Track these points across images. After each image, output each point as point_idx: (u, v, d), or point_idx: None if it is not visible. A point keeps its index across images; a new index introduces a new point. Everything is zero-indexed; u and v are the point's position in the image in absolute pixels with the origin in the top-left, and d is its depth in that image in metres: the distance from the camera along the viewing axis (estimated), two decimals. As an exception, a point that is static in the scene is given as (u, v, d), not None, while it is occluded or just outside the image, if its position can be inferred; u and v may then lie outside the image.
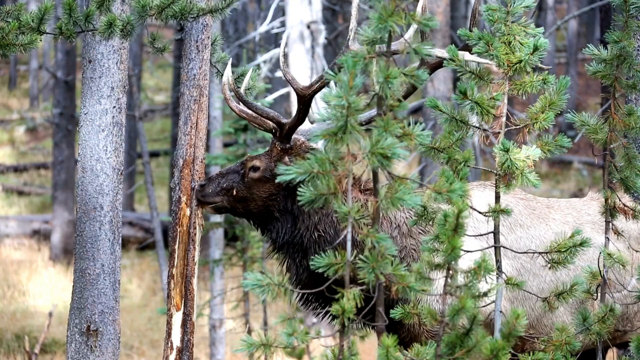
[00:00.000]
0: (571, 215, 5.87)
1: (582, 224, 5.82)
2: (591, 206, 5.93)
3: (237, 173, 5.79)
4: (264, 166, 5.74)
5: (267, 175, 5.73)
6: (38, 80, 29.28)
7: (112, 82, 5.67)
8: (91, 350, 5.66)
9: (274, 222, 5.75)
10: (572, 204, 5.97)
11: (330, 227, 5.69)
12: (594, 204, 5.95)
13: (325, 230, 5.68)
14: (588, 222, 5.85)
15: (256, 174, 5.73)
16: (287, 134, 5.74)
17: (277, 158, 5.75)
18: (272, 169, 5.72)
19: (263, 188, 5.74)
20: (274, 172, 5.70)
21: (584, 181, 20.80)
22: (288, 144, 5.75)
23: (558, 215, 5.86)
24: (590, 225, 5.83)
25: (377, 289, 4.28)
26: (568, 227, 5.77)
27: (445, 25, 11.67)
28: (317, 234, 5.69)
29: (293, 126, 5.70)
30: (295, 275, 5.75)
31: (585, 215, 5.88)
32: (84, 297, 5.67)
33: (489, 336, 4.19)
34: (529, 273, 5.68)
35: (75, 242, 5.71)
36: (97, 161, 5.66)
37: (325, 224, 5.68)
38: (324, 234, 5.68)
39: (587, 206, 5.94)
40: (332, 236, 5.68)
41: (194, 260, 5.73)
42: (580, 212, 5.90)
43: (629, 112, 5.26)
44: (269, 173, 5.72)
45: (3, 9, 5.26)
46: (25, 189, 21.33)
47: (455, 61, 4.87)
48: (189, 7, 5.22)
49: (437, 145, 4.85)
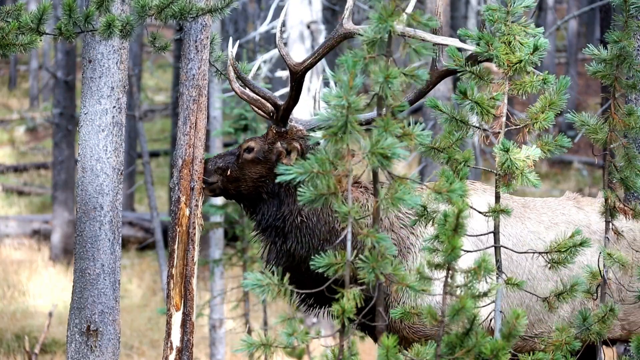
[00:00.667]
0: (546, 214, 5.92)
1: (557, 223, 5.87)
2: (566, 206, 5.99)
3: (233, 155, 5.94)
4: (258, 147, 5.85)
5: (259, 157, 5.84)
6: (38, 80, 29.27)
7: (112, 82, 5.67)
8: (91, 350, 5.66)
9: (262, 204, 5.86)
10: (548, 203, 6.02)
11: (314, 214, 5.78)
12: (569, 204, 6.01)
13: (308, 217, 5.78)
14: (563, 222, 5.89)
15: (249, 155, 5.85)
16: (283, 116, 5.83)
17: (272, 141, 5.85)
18: (266, 151, 5.84)
19: (255, 169, 5.84)
20: (266, 155, 5.82)
21: (584, 181, 20.80)
22: (284, 128, 5.85)
23: (533, 214, 5.91)
24: (565, 224, 5.87)
25: (377, 289, 4.28)
26: (543, 226, 5.83)
27: (445, 25, 11.66)
28: (300, 219, 5.78)
29: (288, 107, 5.79)
30: (275, 259, 5.85)
31: (560, 214, 5.93)
32: (84, 297, 5.67)
33: (488, 336, 4.19)
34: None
35: (75, 242, 5.71)
36: (97, 161, 5.66)
37: (309, 210, 5.78)
38: (306, 220, 5.78)
39: (562, 206, 6.00)
40: (314, 223, 5.77)
41: (194, 260, 5.73)
42: (555, 211, 5.94)
43: (629, 112, 5.26)
44: (262, 155, 5.84)
45: (3, 9, 5.26)
46: (25, 189, 21.32)
47: (459, 66, 4.88)
48: (188, 7, 5.22)
49: (437, 145, 4.86)
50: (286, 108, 5.79)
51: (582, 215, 5.95)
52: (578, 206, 6.01)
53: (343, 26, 5.54)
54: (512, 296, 5.72)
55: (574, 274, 5.62)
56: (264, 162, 5.83)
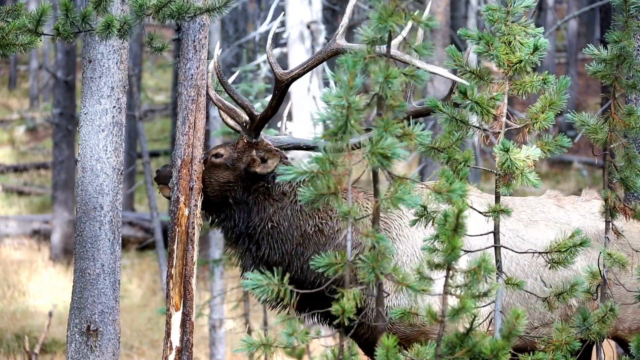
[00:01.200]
0: (525, 212, 5.91)
1: (537, 221, 5.87)
2: (546, 204, 5.99)
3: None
4: (227, 155, 5.88)
5: (228, 163, 5.87)
6: (38, 80, 29.27)
7: (112, 82, 5.67)
8: (91, 350, 5.65)
9: (229, 210, 5.88)
10: (527, 202, 6.02)
11: (285, 219, 5.81)
12: (549, 202, 6.01)
13: (279, 222, 5.80)
14: (542, 220, 5.90)
15: (217, 159, 5.88)
16: (258, 126, 5.84)
17: (242, 150, 5.86)
18: (235, 159, 5.86)
19: (222, 174, 5.86)
20: (234, 163, 5.84)
21: (584, 181, 20.80)
22: (255, 139, 5.86)
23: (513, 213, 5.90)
24: (544, 222, 5.87)
25: (377, 289, 4.28)
26: (522, 224, 5.82)
27: (445, 25, 11.67)
28: (271, 224, 5.81)
29: (265, 116, 5.79)
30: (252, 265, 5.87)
31: (539, 212, 5.93)
32: (84, 297, 5.66)
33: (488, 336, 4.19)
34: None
35: (75, 242, 5.71)
36: (97, 161, 5.66)
37: (280, 216, 5.81)
38: (277, 225, 5.80)
39: (541, 204, 6.00)
40: (285, 228, 5.80)
41: (193, 260, 5.72)
42: (535, 209, 5.95)
43: (629, 112, 5.26)
44: (230, 162, 5.86)
45: (3, 9, 5.25)
46: (25, 189, 21.32)
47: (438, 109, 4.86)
48: (186, 6, 5.22)
49: (437, 145, 4.85)
50: (263, 117, 5.79)
51: (561, 213, 5.95)
52: (558, 204, 6.01)
53: (336, 41, 5.57)
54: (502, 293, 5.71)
55: (563, 274, 5.64)
56: (232, 169, 5.86)
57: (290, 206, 5.80)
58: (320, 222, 5.77)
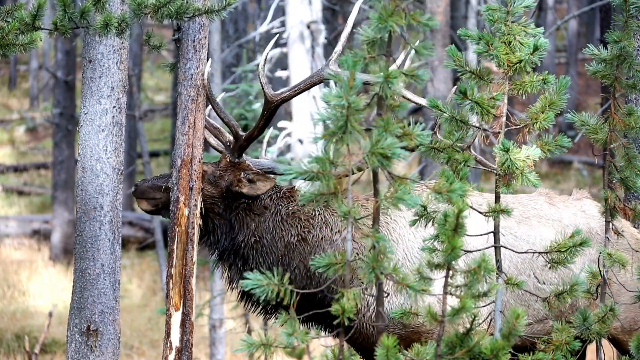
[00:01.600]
0: (517, 209, 5.92)
1: (529, 217, 5.88)
2: (538, 201, 6.01)
3: None
4: (210, 171, 5.89)
5: (210, 178, 5.87)
6: (38, 80, 29.27)
7: (112, 82, 5.66)
8: (91, 350, 5.65)
9: (210, 224, 5.89)
10: (519, 199, 6.03)
11: (267, 232, 5.84)
12: (540, 199, 6.02)
13: (261, 236, 5.84)
14: (534, 216, 5.91)
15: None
16: (242, 146, 5.86)
17: (224, 169, 5.88)
18: (217, 177, 5.87)
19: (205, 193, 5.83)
20: (216, 180, 5.86)
21: (584, 181, 20.80)
22: (237, 159, 5.88)
23: None
24: (536, 218, 5.88)
25: (377, 289, 4.28)
26: (514, 221, 5.83)
27: (445, 25, 11.67)
28: (254, 239, 5.85)
29: (250, 137, 5.81)
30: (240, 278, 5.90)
31: (531, 209, 5.94)
32: (84, 297, 5.66)
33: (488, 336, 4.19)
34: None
35: (75, 242, 5.71)
36: (97, 161, 5.66)
37: (262, 230, 5.85)
38: (260, 239, 5.84)
39: (533, 201, 6.01)
40: (269, 241, 5.83)
41: (193, 260, 5.72)
42: (527, 206, 5.96)
43: (629, 112, 5.26)
44: (213, 178, 5.87)
45: (3, 8, 5.26)
46: (25, 189, 21.32)
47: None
48: (185, 6, 5.22)
49: (437, 145, 4.85)
50: (248, 138, 5.81)
51: (553, 210, 5.96)
52: (550, 202, 6.02)
53: (329, 67, 5.59)
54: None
55: (557, 271, 5.64)
56: (214, 185, 5.87)
57: (271, 218, 5.83)
58: (302, 231, 5.80)
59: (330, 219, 5.83)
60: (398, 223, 5.80)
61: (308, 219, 5.80)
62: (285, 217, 5.81)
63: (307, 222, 5.81)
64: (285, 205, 5.84)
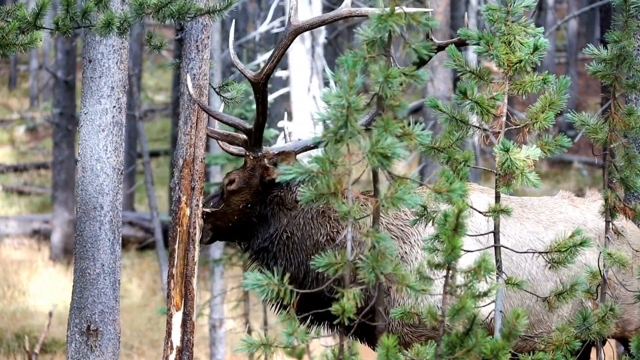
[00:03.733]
0: (544, 214, 5.91)
1: (556, 222, 5.87)
2: (562, 204, 5.99)
3: (216, 196, 5.98)
4: (239, 177, 5.87)
5: (241, 184, 5.86)
6: (38, 80, 29.26)
7: (112, 81, 5.67)
8: (91, 350, 5.66)
9: (254, 229, 5.89)
10: (545, 202, 6.01)
11: (298, 229, 5.81)
12: (564, 202, 6.01)
13: (292, 232, 5.81)
14: (560, 220, 5.89)
15: (232, 186, 5.87)
16: (257, 137, 5.82)
17: (251, 167, 5.86)
18: (247, 177, 5.85)
19: (240, 198, 5.85)
20: (248, 181, 5.85)
21: (584, 181, 20.80)
22: (259, 152, 5.85)
23: (531, 214, 5.90)
24: (563, 223, 5.87)
25: (377, 289, 4.28)
26: (542, 226, 5.82)
27: (445, 25, 11.67)
28: (286, 235, 5.82)
29: (258, 126, 5.77)
30: None
31: (557, 213, 5.93)
32: (84, 297, 5.67)
33: (488, 336, 4.19)
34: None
35: (75, 242, 5.71)
36: (97, 161, 5.66)
37: (293, 226, 5.82)
38: (291, 235, 5.81)
39: (558, 205, 6.00)
40: (299, 238, 5.80)
41: (194, 260, 5.72)
42: (553, 210, 5.95)
43: (629, 112, 5.26)
44: (243, 182, 5.86)
45: (3, 8, 5.26)
46: (25, 189, 21.32)
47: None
48: (187, 6, 5.22)
49: (437, 145, 4.86)
50: (257, 127, 5.77)
51: (577, 213, 5.96)
52: (573, 204, 6.02)
53: (291, 23, 5.55)
54: (512, 297, 5.72)
55: (574, 274, 5.62)
56: (247, 188, 5.84)
57: (302, 215, 5.81)
58: (331, 230, 5.78)
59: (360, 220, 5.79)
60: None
61: (337, 219, 5.77)
62: (316, 215, 5.78)
63: (336, 223, 5.78)
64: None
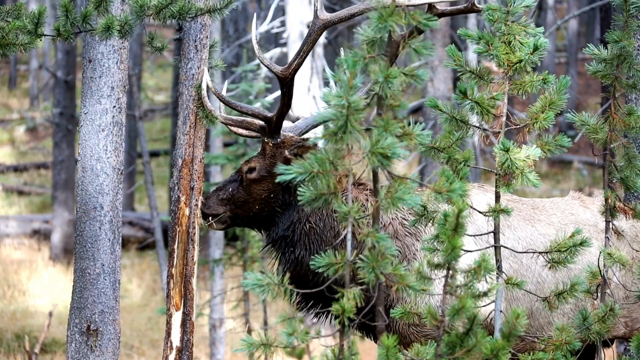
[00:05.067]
0: (556, 215, 5.90)
1: (567, 224, 5.86)
2: (574, 206, 5.98)
3: (234, 182, 5.86)
4: (260, 165, 5.80)
5: (263, 173, 5.79)
6: (38, 80, 29.26)
7: (112, 81, 5.67)
8: (91, 350, 5.66)
9: (277, 217, 5.80)
10: (556, 204, 5.99)
11: (320, 220, 5.75)
12: (575, 203, 6.00)
13: (316, 223, 5.74)
14: (572, 222, 5.88)
15: (253, 174, 5.80)
16: (276, 126, 5.77)
17: (271, 154, 5.79)
18: (268, 166, 5.78)
19: (262, 187, 5.79)
20: (270, 170, 5.76)
21: (584, 181, 20.80)
22: (279, 138, 5.80)
23: (543, 216, 5.89)
24: (573, 225, 5.85)
25: (377, 289, 4.28)
26: (553, 228, 5.81)
27: (445, 25, 11.67)
28: (309, 225, 5.75)
29: (281, 115, 5.73)
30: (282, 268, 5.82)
31: (569, 215, 5.92)
32: (84, 296, 5.67)
33: (488, 336, 4.19)
34: None
35: (75, 242, 5.71)
36: (97, 161, 5.66)
37: (317, 217, 5.75)
38: (314, 226, 5.74)
39: (570, 206, 5.99)
40: (321, 229, 5.74)
41: (194, 260, 5.72)
42: (565, 212, 5.94)
43: (629, 112, 5.26)
44: (265, 171, 5.79)
45: (3, 8, 5.26)
46: (25, 189, 21.32)
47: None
48: (187, 7, 5.22)
49: (437, 145, 4.85)
50: (279, 116, 5.73)
51: (589, 214, 5.95)
52: (584, 205, 6.01)
53: (319, 17, 5.53)
54: (521, 299, 5.71)
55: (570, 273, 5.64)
56: (270, 176, 5.77)
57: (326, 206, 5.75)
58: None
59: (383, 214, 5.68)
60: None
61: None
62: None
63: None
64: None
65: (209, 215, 5.82)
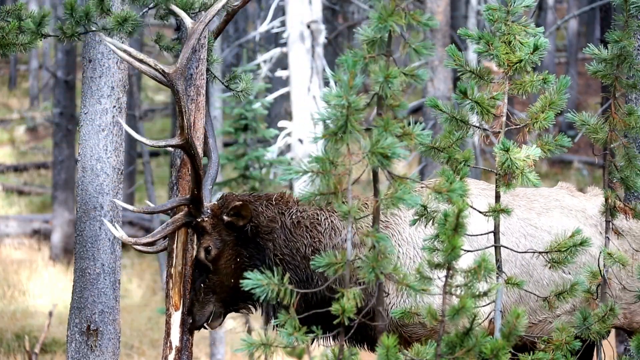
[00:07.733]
0: (537, 201, 5.88)
1: (550, 209, 5.85)
2: (559, 193, 5.97)
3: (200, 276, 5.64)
4: (212, 242, 5.60)
5: (219, 245, 5.59)
6: (38, 80, 29.26)
7: (112, 81, 5.67)
8: (91, 350, 5.66)
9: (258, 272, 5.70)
10: (540, 191, 5.98)
11: (284, 247, 5.62)
12: (562, 192, 6.00)
13: (282, 253, 5.62)
14: (556, 207, 5.87)
15: (212, 253, 5.61)
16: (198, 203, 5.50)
17: (212, 227, 5.58)
18: (218, 237, 5.59)
19: (226, 258, 5.64)
20: (222, 239, 5.59)
21: (584, 181, 20.81)
22: (209, 211, 5.56)
23: (523, 202, 5.86)
24: (559, 210, 5.85)
25: (377, 289, 4.28)
26: (534, 213, 5.79)
27: (445, 25, 11.68)
28: (277, 258, 5.61)
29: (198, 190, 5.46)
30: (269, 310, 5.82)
31: (553, 200, 5.91)
32: (84, 296, 5.67)
33: (488, 336, 4.19)
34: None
35: (76, 242, 5.71)
36: (97, 161, 5.66)
37: (280, 246, 5.62)
38: (283, 256, 5.62)
39: (554, 193, 5.98)
40: (289, 256, 5.62)
41: (193, 260, 5.72)
42: (548, 198, 5.92)
43: (629, 112, 5.26)
44: (220, 242, 5.60)
45: (3, 8, 5.26)
46: (25, 189, 21.32)
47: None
48: (190, 2, 5.22)
49: (437, 145, 4.85)
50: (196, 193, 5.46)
51: (576, 201, 5.95)
52: (571, 194, 6.02)
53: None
54: (514, 290, 5.70)
55: (575, 266, 5.63)
56: (226, 245, 5.60)
57: (282, 232, 5.62)
58: (313, 241, 5.61)
59: (339, 223, 5.64)
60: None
61: (315, 226, 5.63)
62: (292, 228, 5.61)
63: (315, 230, 5.62)
64: (288, 215, 5.63)
65: (201, 326, 5.69)
